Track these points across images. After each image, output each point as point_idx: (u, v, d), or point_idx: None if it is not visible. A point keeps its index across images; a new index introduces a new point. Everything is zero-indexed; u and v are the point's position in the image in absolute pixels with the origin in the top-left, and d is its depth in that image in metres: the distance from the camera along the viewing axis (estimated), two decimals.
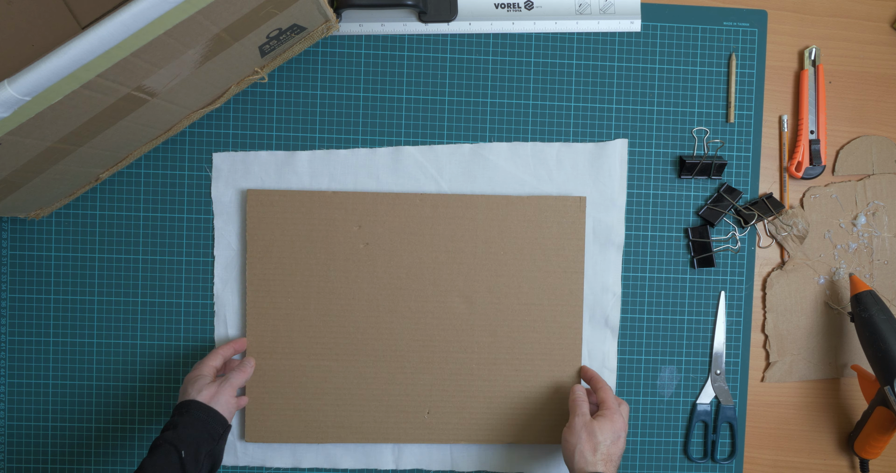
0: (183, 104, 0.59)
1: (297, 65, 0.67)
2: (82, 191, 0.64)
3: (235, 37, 0.52)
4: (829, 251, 0.70)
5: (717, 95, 0.70)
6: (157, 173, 0.67)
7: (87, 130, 0.50)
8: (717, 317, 0.70)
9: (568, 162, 0.68)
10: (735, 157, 0.70)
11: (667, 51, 0.69)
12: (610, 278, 0.68)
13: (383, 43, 0.67)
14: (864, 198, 0.71)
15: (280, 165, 0.67)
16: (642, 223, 0.69)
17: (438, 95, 0.68)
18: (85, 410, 0.67)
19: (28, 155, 0.48)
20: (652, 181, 0.69)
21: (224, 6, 0.45)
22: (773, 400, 0.71)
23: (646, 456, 0.70)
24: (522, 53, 0.68)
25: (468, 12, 0.67)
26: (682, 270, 0.70)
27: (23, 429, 0.66)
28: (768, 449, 0.71)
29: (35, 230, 0.66)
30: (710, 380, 0.70)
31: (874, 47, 0.71)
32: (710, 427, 0.70)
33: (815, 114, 0.70)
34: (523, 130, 0.68)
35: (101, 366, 0.67)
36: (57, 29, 0.62)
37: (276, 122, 0.67)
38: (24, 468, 0.66)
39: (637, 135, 0.69)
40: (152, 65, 0.46)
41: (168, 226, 0.67)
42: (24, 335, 0.66)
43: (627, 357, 0.69)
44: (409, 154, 0.67)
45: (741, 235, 0.70)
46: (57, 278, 0.66)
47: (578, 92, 0.69)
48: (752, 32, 0.70)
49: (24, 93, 0.39)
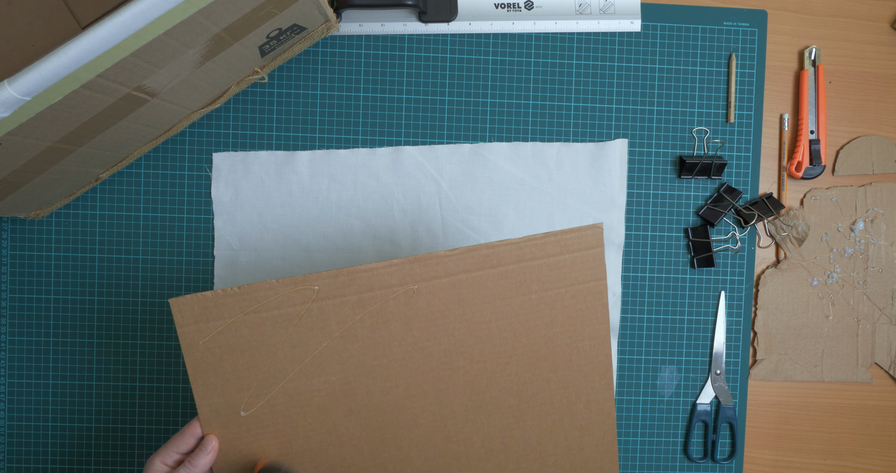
0: (183, 104, 0.59)
1: (297, 65, 0.67)
2: (82, 191, 0.64)
3: (235, 37, 0.52)
4: (825, 254, 0.70)
5: (717, 95, 0.70)
6: (157, 173, 0.67)
7: (87, 130, 0.50)
8: (717, 317, 0.70)
9: (568, 162, 0.68)
10: (735, 157, 0.70)
11: (667, 51, 0.69)
12: (610, 278, 0.68)
13: (383, 43, 0.67)
14: (865, 204, 0.71)
15: (280, 165, 0.67)
16: (642, 223, 0.69)
17: (438, 95, 0.68)
18: (85, 410, 0.67)
19: (28, 155, 0.48)
20: (652, 181, 0.69)
21: (224, 6, 0.45)
22: (773, 400, 0.71)
23: (646, 456, 0.70)
24: (522, 53, 0.68)
25: (468, 12, 0.67)
26: (682, 270, 0.70)
27: (23, 429, 0.66)
28: (768, 449, 0.71)
29: (35, 230, 0.66)
30: (710, 380, 0.70)
31: (874, 47, 0.71)
32: (710, 427, 0.70)
33: (815, 114, 0.70)
34: (523, 130, 0.68)
35: (101, 366, 0.67)
36: (57, 29, 0.62)
37: (276, 122, 0.67)
38: (24, 468, 0.66)
39: (637, 135, 0.69)
40: (152, 65, 0.46)
41: (168, 226, 0.67)
42: (24, 335, 0.66)
43: (627, 357, 0.69)
44: (409, 154, 0.67)
45: (741, 235, 0.70)
46: (57, 278, 0.66)
47: (578, 92, 0.69)
48: (752, 32, 0.70)
49: (24, 93, 0.39)
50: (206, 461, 0.50)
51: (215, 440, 0.52)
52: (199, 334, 0.50)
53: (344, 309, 0.51)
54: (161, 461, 0.51)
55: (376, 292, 0.51)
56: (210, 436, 0.52)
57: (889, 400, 0.72)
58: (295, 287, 0.50)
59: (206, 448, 0.51)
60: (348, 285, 0.50)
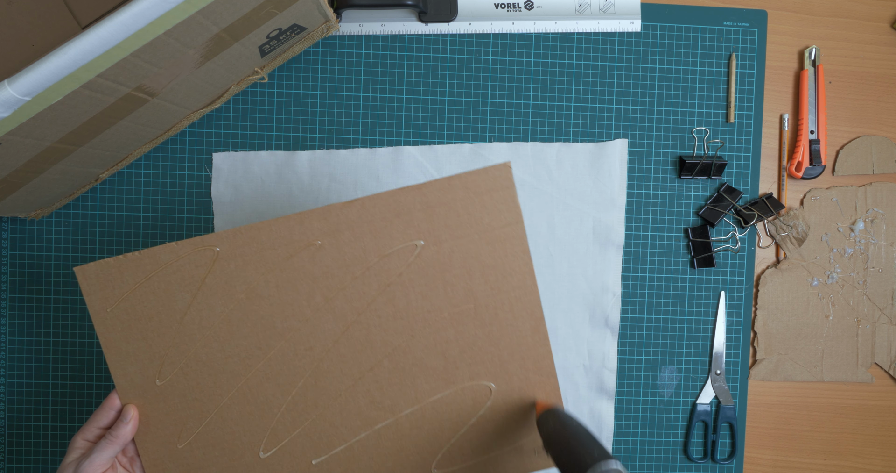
0: (183, 104, 0.59)
1: (297, 65, 0.67)
2: (82, 191, 0.64)
3: (235, 37, 0.52)
4: (825, 254, 0.70)
5: (717, 95, 0.70)
6: (157, 173, 0.67)
7: (87, 130, 0.50)
8: (717, 317, 0.70)
9: (568, 162, 0.68)
10: (735, 157, 0.70)
11: (667, 51, 0.69)
12: (610, 278, 0.68)
13: (383, 43, 0.67)
14: (865, 204, 0.71)
15: (280, 166, 0.67)
16: (642, 223, 0.69)
17: (438, 95, 0.68)
18: (85, 410, 0.67)
19: (28, 155, 0.48)
20: (652, 181, 0.69)
21: (224, 6, 0.45)
22: (773, 400, 0.71)
23: (646, 456, 0.70)
24: (522, 53, 0.68)
25: (468, 12, 0.67)
26: (682, 270, 0.70)
27: (23, 429, 0.66)
28: (768, 449, 0.71)
29: (35, 230, 0.66)
30: (710, 380, 0.70)
31: (874, 47, 0.71)
32: (710, 427, 0.70)
33: (815, 114, 0.70)
34: (523, 130, 0.68)
35: (101, 366, 0.67)
36: (57, 29, 0.62)
37: (276, 122, 0.67)
38: (24, 468, 0.66)
39: (637, 135, 0.69)
40: (152, 65, 0.46)
41: (168, 226, 0.67)
42: (24, 335, 0.66)
43: (627, 357, 0.69)
44: (409, 154, 0.67)
45: (741, 235, 0.70)
46: (57, 279, 0.66)
47: (578, 92, 0.69)
48: (752, 32, 0.70)
49: (24, 93, 0.39)
50: (127, 431, 0.49)
51: (134, 409, 0.50)
52: (105, 301, 0.49)
53: (247, 269, 0.49)
54: (83, 437, 0.50)
55: (278, 250, 0.49)
56: (129, 406, 0.50)
57: (889, 400, 0.72)
58: (194, 248, 0.49)
59: (125, 418, 0.49)
60: (249, 244, 0.49)
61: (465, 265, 0.49)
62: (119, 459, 0.50)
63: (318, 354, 0.50)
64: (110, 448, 0.48)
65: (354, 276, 0.49)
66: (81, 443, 0.49)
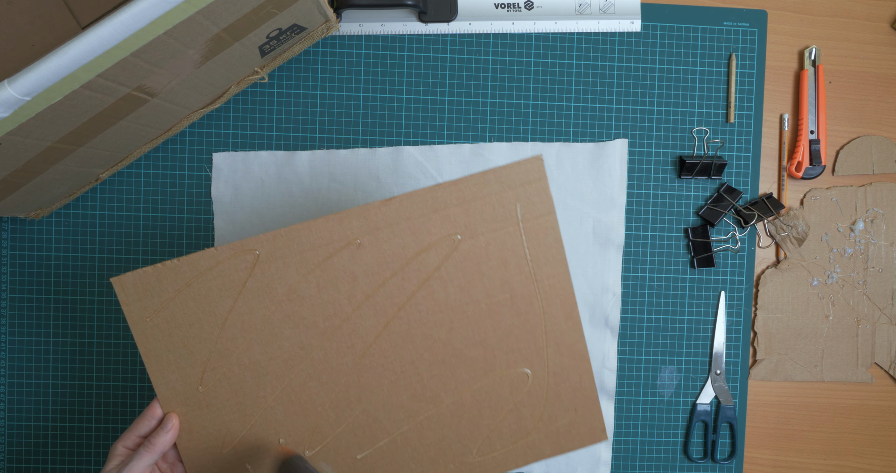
0: (183, 104, 0.59)
1: (297, 65, 0.67)
2: (82, 191, 0.64)
3: (235, 37, 0.52)
4: (825, 254, 0.70)
5: (717, 95, 0.70)
6: (157, 173, 0.67)
7: (87, 130, 0.50)
8: (717, 317, 0.70)
9: (568, 162, 0.68)
10: (735, 157, 0.70)
11: (667, 51, 0.69)
12: (610, 278, 0.68)
13: (383, 43, 0.67)
14: (865, 204, 0.71)
15: (280, 166, 0.67)
16: (642, 223, 0.69)
17: (438, 95, 0.68)
18: (85, 410, 0.67)
19: (28, 155, 0.48)
20: (652, 181, 0.69)
21: (224, 6, 0.45)
22: (773, 400, 0.71)
23: (646, 456, 0.70)
24: (522, 53, 0.68)
25: (468, 12, 0.67)
26: (682, 270, 0.70)
27: (23, 429, 0.66)
28: (768, 449, 0.71)
29: (35, 230, 0.66)
30: (710, 380, 0.70)
31: (874, 47, 0.71)
32: (710, 427, 0.70)
33: (815, 114, 0.70)
34: (523, 130, 0.68)
35: (101, 366, 0.67)
36: (57, 29, 0.62)
37: (276, 122, 0.67)
38: (24, 468, 0.66)
39: (637, 135, 0.69)
40: (152, 65, 0.46)
41: (168, 226, 0.67)
42: (24, 335, 0.66)
43: (627, 357, 0.69)
44: (409, 154, 0.67)
45: (741, 235, 0.70)
46: (57, 278, 0.66)
47: (578, 92, 0.69)
48: (752, 32, 0.70)
49: (24, 93, 0.39)
50: (167, 439, 0.49)
51: (175, 418, 0.50)
52: (144, 310, 0.49)
53: (288, 271, 0.49)
54: (123, 445, 0.50)
55: (318, 250, 0.49)
56: (170, 414, 0.50)
57: (889, 400, 0.72)
58: (235, 253, 0.49)
59: (165, 427, 0.50)
60: (289, 246, 0.49)
61: (501, 257, 0.51)
62: (159, 464, 0.51)
63: (359, 350, 0.51)
64: (148, 456, 0.48)
65: (394, 272, 0.50)
66: (122, 451, 0.50)
